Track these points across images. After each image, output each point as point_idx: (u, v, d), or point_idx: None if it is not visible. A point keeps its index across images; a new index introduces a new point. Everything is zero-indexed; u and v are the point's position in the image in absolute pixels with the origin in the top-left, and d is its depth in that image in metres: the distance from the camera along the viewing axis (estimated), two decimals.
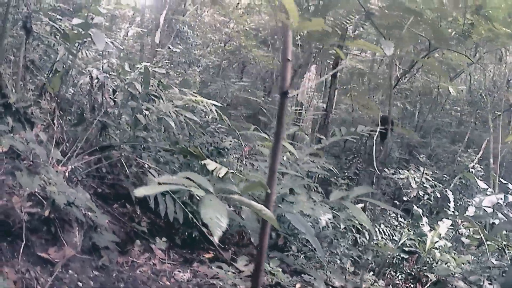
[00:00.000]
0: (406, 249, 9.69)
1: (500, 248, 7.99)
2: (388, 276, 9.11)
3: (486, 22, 8.13)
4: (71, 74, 7.80)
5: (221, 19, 21.87)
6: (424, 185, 12.72)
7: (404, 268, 9.35)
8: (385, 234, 10.91)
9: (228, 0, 23.14)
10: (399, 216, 12.75)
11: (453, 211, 11.83)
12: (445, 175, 16.50)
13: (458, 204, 13.36)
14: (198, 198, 6.79)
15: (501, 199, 9.81)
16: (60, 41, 7.86)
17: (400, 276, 9.14)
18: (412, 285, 8.82)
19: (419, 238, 9.80)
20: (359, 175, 17.15)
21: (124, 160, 6.86)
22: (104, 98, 7.81)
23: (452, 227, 10.06)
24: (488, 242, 7.83)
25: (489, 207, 9.96)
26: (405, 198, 12.42)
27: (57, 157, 5.57)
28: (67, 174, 5.62)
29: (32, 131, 6.63)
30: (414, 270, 9.17)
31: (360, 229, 9.25)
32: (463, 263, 8.77)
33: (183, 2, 19.56)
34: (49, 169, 4.83)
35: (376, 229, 10.78)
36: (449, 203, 12.08)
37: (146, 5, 21.78)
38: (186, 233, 6.78)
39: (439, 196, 13.10)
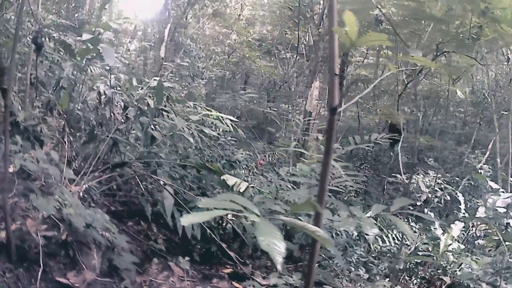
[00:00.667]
0: (420, 253, 9.49)
1: None
2: (403, 281, 8.91)
3: (493, 23, 7.98)
4: (80, 90, 7.56)
5: (223, 31, 21.73)
6: (434, 188, 12.51)
7: (419, 273, 9.15)
8: (398, 240, 10.73)
9: (229, 11, 23.07)
10: (410, 220, 12.57)
11: (464, 213, 11.64)
12: (452, 177, 16.28)
13: (468, 206, 13.16)
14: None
15: None
16: (65, 57, 7.66)
17: (415, 281, 8.93)
18: None
19: (432, 242, 9.60)
20: (367, 182, 16.91)
21: (138, 177, 6.64)
22: (112, 114, 7.60)
23: (464, 229, 9.86)
24: (507, 243, 7.61)
25: (503, 207, 9.75)
26: (418, 203, 12.17)
27: (69, 177, 5.34)
28: (81, 193, 5.40)
29: (42, 149, 6.42)
30: (428, 274, 8.97)
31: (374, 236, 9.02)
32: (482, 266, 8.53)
33: (184, 15, 19.38)
34: (64, 189, 4.60)
35: (389, 235, 10.60)
36: (460, 205, 11.90)
37: (148, 19, 21.66)
38: (204, 249, 6.55)
39: (449, 198, 12.89)
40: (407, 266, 9.24)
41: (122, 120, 7.74)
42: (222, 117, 7.30)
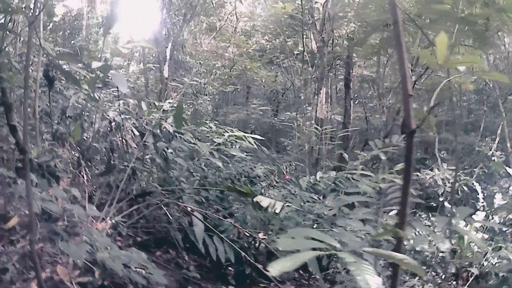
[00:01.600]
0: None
1: None
2: (430, 276, 8.61)
3: (499, 13, 7.81)
4: (92, 120, 7.20)
5: (222, 45, 21.46)
6: (451, 181, 12.22)
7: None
8: (420, 235, 10.41)
9: (225, 25, 22.82)
10: (430, 215, 12.26)
11: (482, 202, 11.33)
12: (465, 167, 15.97)
13: (484, 194, 12.85)
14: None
15: None
16: (68, 85, 7.34)
17: (443, 275, 8.60)
18: (454, 282, 8.26)
19: (456, 235, 9.29)
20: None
21: (164, 205, 6.31)
22: (124, 140, 7.27)
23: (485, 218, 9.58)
24: None
25: None
26: (441, 199, 11.86)
27: (94, 214, 4.99)
28: (108, 230, 5.05)
29: (59, 186, 6.08)
30: (454, 266, 8.63)
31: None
32: None
33: (181, 32, 19.09)
34: (92, 230, 4.24)
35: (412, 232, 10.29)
36: (477, 195, 11.60)
37: (145, 39, 21.36)
38: (238, 271, 6.27)
39: (465, 189, 12.60)
40: (432, 262, 8.95)
41: (135, 146, 7.41)
42: (246, 136, 6.96)
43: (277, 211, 5.45)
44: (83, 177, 6.30)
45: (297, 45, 16.17)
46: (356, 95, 18.60)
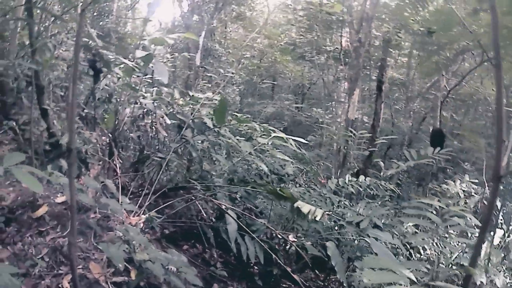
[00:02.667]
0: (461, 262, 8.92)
1: None
2: None
3: None
4: (125, 107, 6.95)
5: (252, 36, 21.16)
6: (471, 194, 11.87)
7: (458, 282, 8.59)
8: (437, 246, 10.13)
9: (255, 15, 22.50)
10: (448, 226, 11.91)
11: (501, 220, 10.99)
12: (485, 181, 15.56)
13: (504, 211, 12.48)
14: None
15: None
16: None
17: None
18: None
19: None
20: (401, 186, 16.23)
21: (199, 202, 6.07)
22: (155, 129, 7.02)
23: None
24: None
25: None
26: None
27: (129, 208, 4.74)
28: (142, 225, 4.81)
29: (89, 174, 5.85)
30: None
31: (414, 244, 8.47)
32: None
33: (212, 20, 18.79)
34: (129, 228, 3.98)
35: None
36: (497, 211, 11.27)
37: (175, 24, 21.07)
38: (264, 272, 6.08)
39: (485, 203, 12.21)
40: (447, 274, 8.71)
41: (165, 135, 7.17)
42: (289, 138, 6.68)
43: (317, 219, 5.22)
44: (115, 166, 6.04)
45: (331, 42, 15.86)
46: (388, 97, 18.25)
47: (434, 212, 5.21)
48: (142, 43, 6.24)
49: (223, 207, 5.73)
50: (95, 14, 18.75)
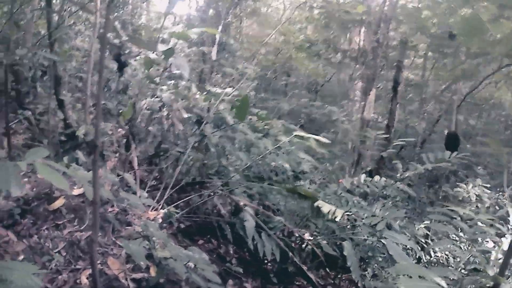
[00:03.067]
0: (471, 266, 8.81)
1: None
2: None
3: None
4: (143, 99, 6.84)
5: (267, 32, 20.99)
6: (483, 199, 11.71)
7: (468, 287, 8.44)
8: (445, 250, 10.03)
9: (267, 10, 22.33)
10: (459, 230, 11.76)
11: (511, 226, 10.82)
12: (496, 186, 15.36)
13: None
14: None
15: None
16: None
17: None
18: None
19: (482, 255, 8.88)
20: (412, 187, 16.08)
21: (217, 197, 5.97)
22: (172, 122, 6.91)
23: None
24: None
25: None
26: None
27: (148, 203, 4.63)
28: (160, 220, 4.70)
29: (106, 166, 5.75)
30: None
31: (425, 246, 8.36)
32: None
33: (228, 15, 18.63)
34: (149, 223, 3.87)
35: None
36: (508, 216, 11.11)
37: (190, 18, 20.89)
38: (279, 269, 6.04)
39: (497, 208, 12.05)
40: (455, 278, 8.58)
41: (182, 128, 7.06)
42: (312, 137, 6.56)
43: (337, 219, 5.15)
44: (133, 159, 5.94)
45: (347, 41, 15.71)
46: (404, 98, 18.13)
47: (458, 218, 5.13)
48: (162, 36, 6.15)
49: (241, 203, 5.62)
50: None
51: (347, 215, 6.45)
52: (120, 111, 6.88)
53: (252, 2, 19.93)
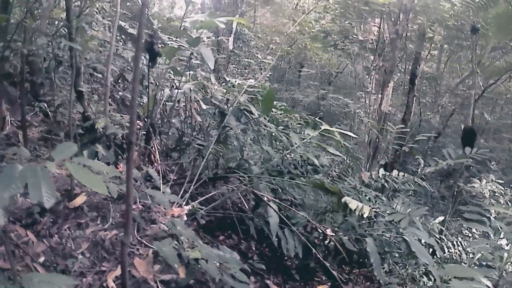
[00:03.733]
0: (484, 263, 8.68)
1: None
2: None
3: None
4: (162, 91, 6.65)
5: (283, 21, 20.76)
6: (496, 194, 11.49)
7: None
8: (459, 246, 9.89)
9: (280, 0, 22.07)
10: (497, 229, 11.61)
11: None
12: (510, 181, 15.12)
13: None
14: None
15: None
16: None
17: None
18: None
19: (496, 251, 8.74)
20: (425, 181, 15.87)
21: (241, 192, 5.82)
22: (190, 114, 6.74)
23: None
24: None
25: None
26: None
27: (174, 200, 4.45)
28: (185, 216, 4.52)
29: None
30: None
31: (439, 242, 8.24)
32: None
33: (243, 4, 18.43)
34: (176, 221, 3.70)
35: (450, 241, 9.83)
36: None
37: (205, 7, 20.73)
38: (301, 265, 5.90)
39: (509, 204, 11.85)
40: None
41: (200, 120, 6.90)
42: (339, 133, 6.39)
43: (364, 216, 5.02)
44: (154, 153, 5.76)
45: (363, 31, 15.43)
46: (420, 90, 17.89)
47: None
48: (184, 26, 5.95)
49: (265, 198, 5.47)
50: None
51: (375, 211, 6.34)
52: (141, 103, 6.71)
53: None
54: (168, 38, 6.41)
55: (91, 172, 2.32)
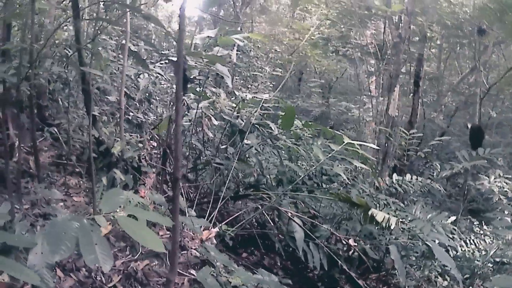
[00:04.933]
0: (498, 259, 8.65)
1: None
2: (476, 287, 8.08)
3: None
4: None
5: (281, 30, 20.68)
6: (505, 189, 11.43)
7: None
8: (471, 244, 9.85)
9: (277, 8, 22.04)
10: (483, 223, 11.60)
11: None
12: None
13: None
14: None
15: None
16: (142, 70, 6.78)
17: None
18: None
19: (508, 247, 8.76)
20: (432, 181, 15.82)
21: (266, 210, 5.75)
22: (203, 132, 6.64)
23: None
24: None
25: None
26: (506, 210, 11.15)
27: (203, 224, 4.35)
28: (214, 240, 4.44)
29: (145, 183, 5.49)
30: None
31: (452, 240, 8.20)
32: None
33: (240, 13, 18.38)
34: (210, 247, 3.62)
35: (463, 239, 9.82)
36: None
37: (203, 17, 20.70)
38: (327, 275, 5.98)
39: None
40: (481, 272, 8.39)
41: (212, 136, 6.80)
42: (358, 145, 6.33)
43: (391, 227, 4.98)
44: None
45: (364, 36, 15.37)
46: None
47: None
48: (195, 43, 5.87)
49: (289, 214, 5.40)
50: (119, 12, 18.24)
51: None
52: (155, 126, 6.60)
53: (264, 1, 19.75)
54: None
55: (145, 227, 2.17)
